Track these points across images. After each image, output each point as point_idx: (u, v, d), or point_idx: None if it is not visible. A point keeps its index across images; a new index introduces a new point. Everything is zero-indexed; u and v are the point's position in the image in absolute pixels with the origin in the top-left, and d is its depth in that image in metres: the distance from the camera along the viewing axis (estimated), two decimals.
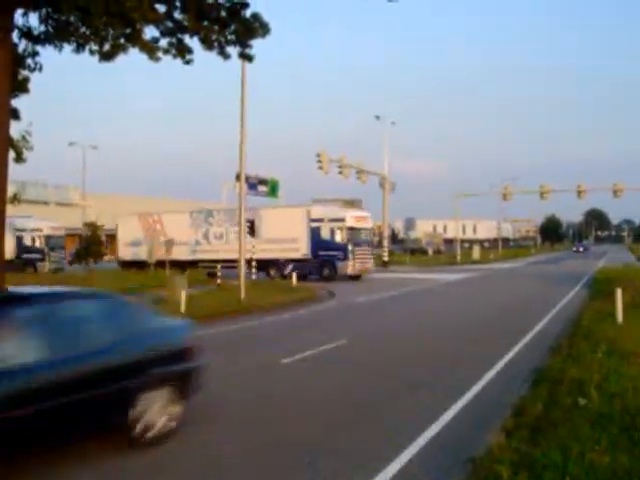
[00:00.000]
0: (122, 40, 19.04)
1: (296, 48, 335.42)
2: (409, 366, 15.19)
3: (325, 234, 47.29)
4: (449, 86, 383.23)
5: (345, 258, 46.54)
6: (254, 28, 20.21)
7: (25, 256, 57.27)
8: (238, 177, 33.52)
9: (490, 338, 19.42)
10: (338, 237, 46.86)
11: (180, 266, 47.03)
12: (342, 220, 47.22)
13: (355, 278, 47.63)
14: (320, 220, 47.66)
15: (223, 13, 20.03)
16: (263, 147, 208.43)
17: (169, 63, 20.62)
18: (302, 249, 47.86)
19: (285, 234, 48.12)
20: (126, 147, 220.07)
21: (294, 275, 41.14)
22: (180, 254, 49.60)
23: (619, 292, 20.02)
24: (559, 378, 11.80)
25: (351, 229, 47.02)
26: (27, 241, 58.92)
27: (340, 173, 57.45)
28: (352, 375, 14.21)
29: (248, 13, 20.17)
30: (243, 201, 31.76)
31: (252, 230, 41.03)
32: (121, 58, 19.54)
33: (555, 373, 12.40)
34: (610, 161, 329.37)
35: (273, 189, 49.13)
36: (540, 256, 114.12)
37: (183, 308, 24.21)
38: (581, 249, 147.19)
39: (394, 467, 8.24)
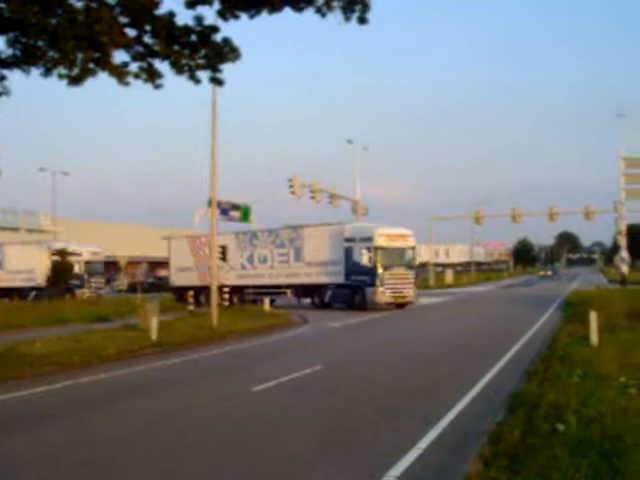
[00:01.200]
0: (91, 64, 18.85)
1: (268, 72, 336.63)
2: (384, 393, 14.97)
3: (357, 256, 41.73)
4: (423, 111, 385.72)
5: (372, 284, 40.75)
6: (224, 53, 20.11)
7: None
8: (210, 203, 33.37)
9: (465, 362, 19.27)
10: (365, 259, 40.90)
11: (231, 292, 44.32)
12: (369, 239, 41.40)
13: (399, 306, 42.60)
14: (352, 240, 42.49)
15: (193, 37, 19.92)
16: (235, 172, 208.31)
17: (140, 88, 20.44)
18: (342, 273, 42.84)
19: (325, 256, 43.98)
20: (96, 173, 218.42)
21: (267, 301, 40.81)
22: (229, 279, 45.88)
23: (593, 315, 19.96)
24: (536, 403, 11.64)
25: (382, 249, 41.07)
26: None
27: (312, 198, 57.25)
28: (326, 402, 13.97)
29: (219, 38, 20.08)
30: (215, 227, 31.53)
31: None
32: (90, 82, 19.35)
33: (532, 398, 12.23)
34: (581, 184, 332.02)
35: (245, 214, 48.97)
36: (513, 279, 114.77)
37: (154, 335, 23.87)
38: (549, 273, 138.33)
39: None
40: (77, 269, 54.91)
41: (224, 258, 38.75)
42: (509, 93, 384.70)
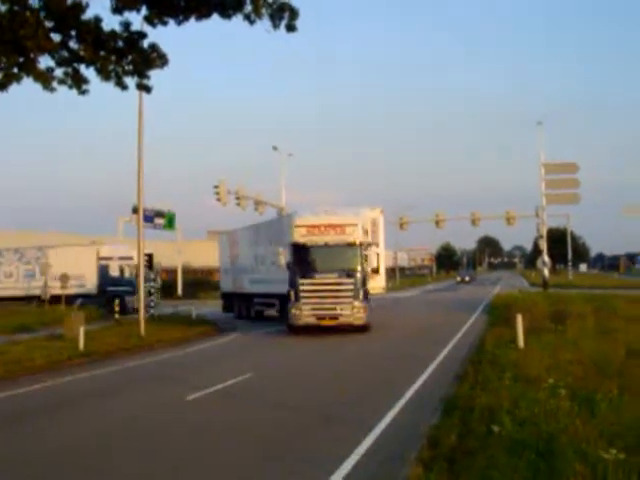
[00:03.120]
0: (15, 69, 18.48)
1: (193, 79, 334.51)
2: (316, 399, 15.02)
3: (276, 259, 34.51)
4: (348, 117, 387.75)
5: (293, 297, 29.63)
6: (152, 59, 19.91)
7: (110, 289, 47.86)
8: (134, 210, 33.02)
9: (394, 367, 19.46)
10: (282, 261, 30.88)
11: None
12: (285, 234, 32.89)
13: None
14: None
15: (120, 43, 19.67)
16: (159, 179, 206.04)
17: (63, 92, 20.12)
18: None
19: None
20: (10, 178, 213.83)
21: (193, 309, 39.96)
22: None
23: (519, 318, 20.35)
24: (469, 406, 11.80)
25: (299, 247, 29.48)
26: (114, 271, 49.62)
27: (238, 204, 56.98)
28: (259, 410, 13.94)
29: (146, 43, 19.87)
30: (141, 234, 31.15)
31: None
32: (13, 87, 18.96)
33: (465, 401, 12.41)
34: (502, 190, 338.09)
35: (170, 221, 48.67)
36: (437, 284, 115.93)
37: (82, 345, 23.46)
38: (467, 278, 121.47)
39: None
40: (127, 274, 49.56)
41: (151, 266, 37.97)
42: (433, 100, 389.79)
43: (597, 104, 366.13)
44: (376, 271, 32.02)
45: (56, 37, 18.84)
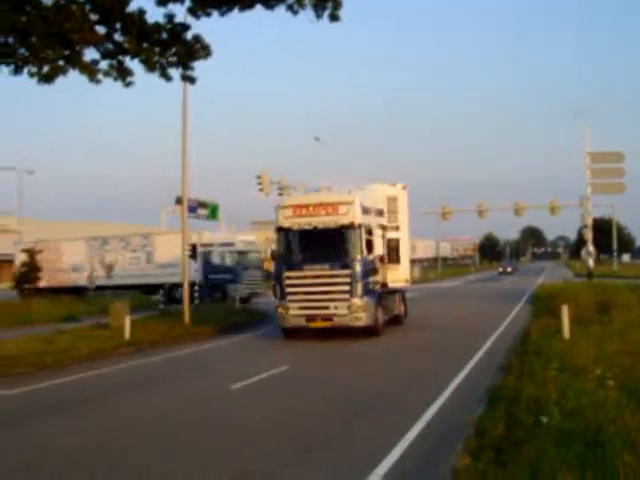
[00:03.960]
0: (62, 62, 18.72)
1: (236, 70, 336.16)
2: (358, 390, 15.05)
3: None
4: (387, 106, 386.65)
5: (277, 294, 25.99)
6: (195, 50, 20.06)
7: (212, 277, 45.83)
8: (178, 201, 33.22)
9: (437, 358, 19.40)
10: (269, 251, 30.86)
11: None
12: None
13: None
14: None
15: (164, 35, 19.84)
16: (201, 170, 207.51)
17: (108, 84, 20.34)
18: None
19: None
20: (62, 171, 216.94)
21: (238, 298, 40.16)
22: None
23: (565, 308, 20.16)
24: (515, 397, 11.72)
25: (286, 232, 25.43)
26: (215, 259, 46.68)
27: (280, 194, 57.06)
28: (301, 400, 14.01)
29: (189, 35, 20.02)
30: (186, 224, 31.39)
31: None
32: (60, 80, 19.19)
33: (511, 392, 12.32)
34: (546, 178, 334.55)
35: (213, 212, 48.85)
36: (479, 274, 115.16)
37: (127, 334, 23.72)
38: (509, 269, 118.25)
39: None
40: (229, 261, 46.88)
41: (194, 256, 37.68)
42: (477, 89, 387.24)
43: None
44: (396, 260, 28.08)
45: (101, 30, 19.05)
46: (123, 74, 20.17)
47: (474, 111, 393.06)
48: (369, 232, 24.76)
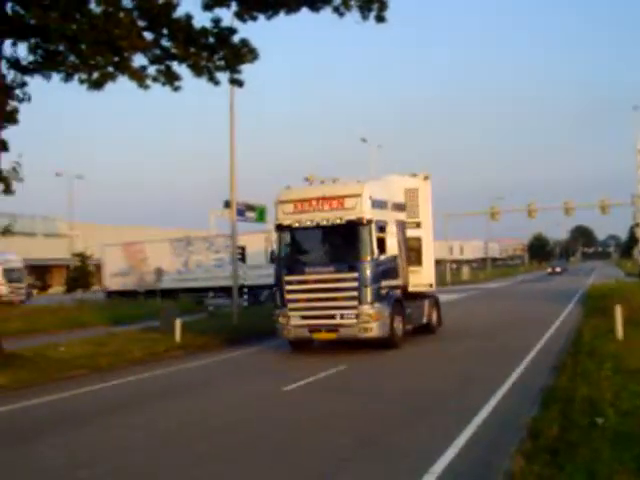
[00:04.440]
0: (111, 68, 18.99)
1: (284, 70, 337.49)
2: (413, 390, 14.99)
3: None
4: (435, 106, 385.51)
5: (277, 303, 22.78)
6: (243, 54, 20.23)
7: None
8: (226, 204, 33.40)
9: (488, 359, 19.22)
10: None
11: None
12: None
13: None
14: None
15: (211, 39, 20.04)
16: (249, 172, 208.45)
17: (155, 88, 20.57)
18: None
19: None
20: (110, 176, 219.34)
21: None
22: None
23: (618, 308, 19.86)
24: (569, 397, 11.59)
25: (286, 231, 22.52)
26: None
27: None
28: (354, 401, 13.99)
29: (236, 39, 20.17)
30: (235, 227, 31.59)
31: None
32: (109, 86, 19.45)
33: (564, 392, 12.17)
34: (596, 178, 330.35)
35: (261, 215, 48.98)
36: (528, 274, 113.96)
37: (178, 337, 23.87)
38: (558, 269, 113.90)
39: None
40: None
41: (244, 259, 37.31)
42: (525, 91, 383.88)
43: None
44: (417, 262, 24.61)
45: (149, 36, 19.32)
46: (171, 79, 20.41)
47: (522, 110, 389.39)
48: (382, 229, 21.59)
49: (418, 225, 24.96)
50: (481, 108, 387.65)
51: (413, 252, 24.54)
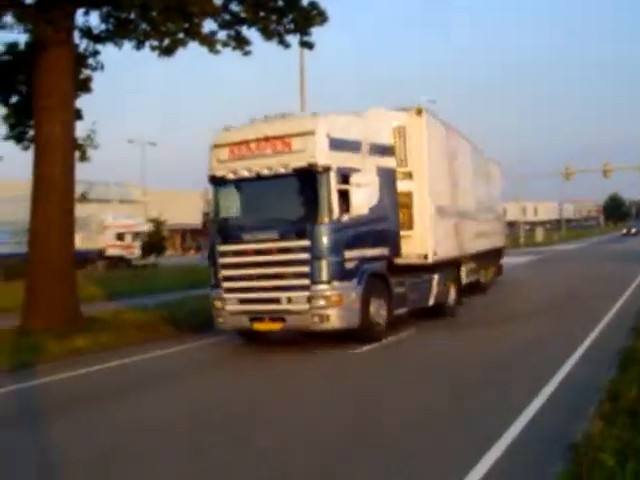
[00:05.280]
0: (181, 35, 19.08)
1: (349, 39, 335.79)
2: (487, 350, 14.90)
3: None
4: (502, 71, 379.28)
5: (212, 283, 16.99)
6: (312, 16, 20.11)
7: None
8: None
9: (564, 317, 19.00)
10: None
11: None
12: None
13: None
14: None
15: (280, 2, 19.95)
16: None
17: (224, 56, 20.54)
18: None
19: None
20: (181, 142, 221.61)
21: None
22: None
23: None
24: None
25: (222, 185, 16.94)
26: None
27: None
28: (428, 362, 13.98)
29: (305, 1, 20.06)
30: None
31: None
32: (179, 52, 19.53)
33: None
34: None
35: None
36: (605, 236, 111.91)
37: None
38: (633, 230, 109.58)
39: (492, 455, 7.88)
40: None
41: None
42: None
43: None
44: (406, 225, 18.18)
45: (218, 1, 19.31)
46: (241, 43, 20.39)
47: (595, 65, 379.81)
48: (344, 178, 15.47)
49: (409, 176, 18.38)
50: (555, 71, 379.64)
51: (401, 211, 18.19)
